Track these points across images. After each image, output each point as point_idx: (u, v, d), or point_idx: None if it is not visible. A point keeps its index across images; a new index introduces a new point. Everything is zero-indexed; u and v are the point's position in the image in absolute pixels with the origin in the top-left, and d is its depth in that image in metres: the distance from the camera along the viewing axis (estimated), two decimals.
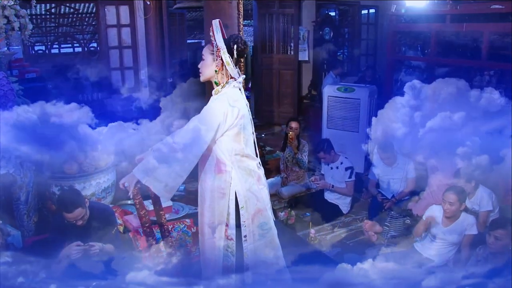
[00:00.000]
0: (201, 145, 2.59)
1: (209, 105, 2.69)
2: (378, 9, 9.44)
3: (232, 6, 4.53)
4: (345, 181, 4.88)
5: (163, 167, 2.55)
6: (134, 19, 7.08)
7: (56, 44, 7.98)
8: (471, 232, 3.73)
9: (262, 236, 2.86)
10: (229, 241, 2.80)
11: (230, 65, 2.68)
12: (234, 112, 2.66)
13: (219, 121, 2.62)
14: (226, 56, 2.67)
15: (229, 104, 2.65)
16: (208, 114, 2.64)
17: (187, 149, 2.55)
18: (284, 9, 8.21)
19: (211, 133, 2.61)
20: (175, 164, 2.55)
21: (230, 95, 2.71)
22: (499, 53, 5.38)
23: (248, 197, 2.78)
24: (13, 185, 3.91)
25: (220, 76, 2.75)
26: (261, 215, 2.85)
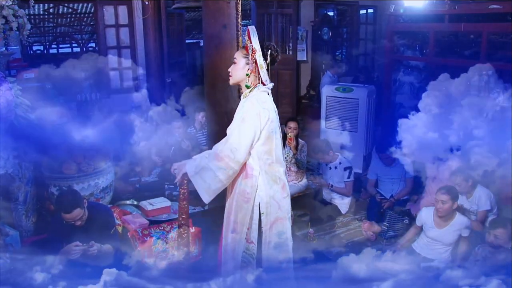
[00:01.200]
0: (243, 152, 2.65)
1: (243, 111, 2.71)
2: (376, 9, 9.45)
3: (230, 6, 4.52)
4: (344, 181, 4.88)
5: (209, 170, 2.65)
6: (133, 19, 7.06)
7: (55, 44, 7.99)
8: (466, 234, 3.75)
9: (278, 245, 2.87)
10: (250, 244, 2.81)
11: (263, 68, 2.73)
12: (265, 114, 2.69)
13: (256, 124, 2.66)
14: (261, 59, 2.71)
15: (259, 105, 2.68)
16: (243, 118, 2.66)
17: (230, 157, 2.62)
18: (282, 9, 8.20)
19: (250, 136, 2.65)
20: (219, 172, 2.63)
21: (259, 98, 2.73)
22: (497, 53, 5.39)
23: (271, 204, 2.80)
24: (11, 185, 3.90)
25: (251, 79, 2.78)
26: (281, 224, 2.86)
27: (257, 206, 2.77)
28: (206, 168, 2.66)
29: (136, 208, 4.70)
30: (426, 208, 4.01)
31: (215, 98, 4.71)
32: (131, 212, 4.52)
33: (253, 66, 2.74)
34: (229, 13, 4.53)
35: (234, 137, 2.64)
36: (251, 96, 2.75)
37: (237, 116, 2.72)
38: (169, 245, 3.79)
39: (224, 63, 4.60)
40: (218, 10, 4.49)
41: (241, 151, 2.62)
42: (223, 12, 4.50)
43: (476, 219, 4.04)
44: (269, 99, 2.79)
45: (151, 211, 4.47)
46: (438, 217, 3.80)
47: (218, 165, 2.63)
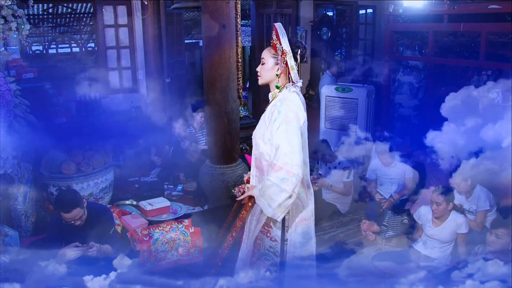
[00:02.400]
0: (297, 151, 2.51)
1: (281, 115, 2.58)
2: (375, 9, 9.44)
3: (229, 6, 4.52)
4: (343, 181, 4.88)
5: (273, 187, 2.48)
6: (132, 19, 7.06)
7: (54, 44, 7.98)
8: (462, 231, 3.77)
9: (302, 245, 2.83)
10: (273, 242, 2.77)
11: (294, 69, 2.65)
12: (302, 115, 2.64)
13: (298, 126, 2.58)
14: (292, 60, 2.63)
15: (294, 104, 2.63)
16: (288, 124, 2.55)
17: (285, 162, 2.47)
18: (282, 9, 8.19)
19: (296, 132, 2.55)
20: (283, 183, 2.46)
21: (292, 99, 2.66)
22: (497, 53, 5.39)
23: (296, 204, 2.73)
24: (10, 185, 3.90)
25: (282, 79, 2.72)
26: (305, 224, 2.82)
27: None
28: (268, 185, 2.50)
29: (135, 208, 4.71)
30: (424, 207, 4.03)
31: (214, 98, 4.71)
32: (130, 212, 4.53)
33: (283, 67, 2.66)
34: (228, 13, 4.53)
35: (284, 142, 2.49)
36: (284, 98, 2.66)
37: (277, 121, 2.57)
38: (169, 245, 3.79)
39: (223, 63, 4.61)
40: (217, 10, 4.49)
41: (296, 154, 2.48)
42: (222, 12, 4.50)
43: (475, 219, 4.04)
44: (300, 101, 2.73)
45: (150, 211, 4.48)
46: (434, 217, 3.82)
47: (278, 175, 2.47)
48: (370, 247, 4.32)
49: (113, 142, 4.89)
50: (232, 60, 4.66)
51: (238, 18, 4.63)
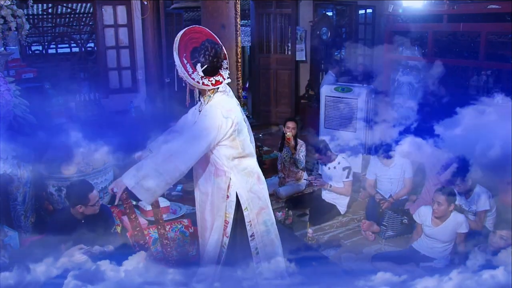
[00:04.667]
0: (195, 157, 2.59)
1: (203, 118, 2.65)
2: (375, 9, 9.45)
3: (229, 6, 4.52)
4: (342, 181, 4.88)
5: (153, 176, 2.53)
6: (132, 19, 7.07)
7: (53, 44, 7.98)
8: (462, 231, 3.77)
9: (267, 232, 2.92)
10: (225, 238, 2.84)
11: (198, 85, 2.65)
12: (228, 124, 2.64)
13: (213, 135, 2.61)
14: (190, 79, 2.63)
15: (222, 115, 2.63)
16: (203, 128, 2.61)
17: (180, 160, 2.55)
18: (281, 9, 8.20)
19: (204, 145, 2.60)
20: (166, 174, 2.54)
21: (223, 105, 2.68)
22: (496, 53, 5.39)
23: (251, 198, 2.82)
24: (10, 185, 3.90)
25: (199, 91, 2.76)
26: (264, 213, 2.90)
27: (233, 202, 2.78)
28: (150, 174, 2.53)
29: (135, 208, 4.70)
30: (424, 207, 4.03)
31: None
32: None
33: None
34: (228, 13, 4.53)
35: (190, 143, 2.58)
36: (216, 102, 2.69)
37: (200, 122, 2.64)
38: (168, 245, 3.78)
39: None
40: (217, 10, 4.49)
41: (192, 158, 2.57)
42: (221, 12, 4.50)
43: (475, 219, 4.04)
44: (232, 102, 2.76)
45: (149, 211, 4.47)
46: (435, 217, 3.82)
47: (166, 168, 2.53)
48: (370, 247, 4.32)
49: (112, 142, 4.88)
50: (231, 60, 4.65)
51: (238, 18, 4.62)
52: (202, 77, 2.63)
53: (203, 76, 2.63)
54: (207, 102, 2.74)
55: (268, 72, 8.40)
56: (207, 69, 2.62)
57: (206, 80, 2.65)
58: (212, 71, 2.66)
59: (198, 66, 2.61)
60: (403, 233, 4.45)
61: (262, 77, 8.44)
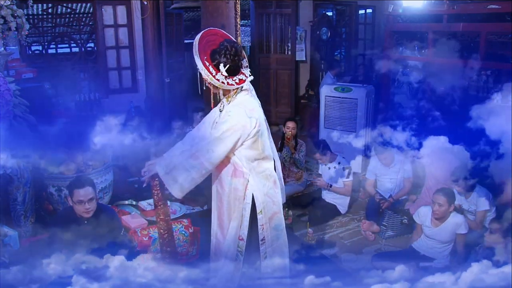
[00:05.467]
0: (220, 156, 2.62)
1: (227, 118, 2.64)
2: (375, 9, 9.45)
3: (229, 6, 4.52)
4: (342, 181, 4.88)
5: (181, 170, 2.62)
6: (131, 19, 7.07)
7: (53, 44, 7.97)
8: (461, 231, 3.77)
9: (277, 237, 2.90)
10: (240, 241, 2.81)
11: (223, 86, 2.64)
12: (252, 123, 2.64)
13: (238, 134, 2.61)
14: (214, 80, 2.61)
15: (246, 115, 2.63)
16: (227, 127, 2.61)
17: (205, 158, 2.59)
18: (281, 9, 8.20)
19: (229, 145, 2.62)
20: (192, 170, 2.61)
21: (246, 105, 2.68)
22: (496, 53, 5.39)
23: (266, 201, 2.80)
24: (10, 185, 3.90)
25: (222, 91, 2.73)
26: (277, 217, 2.88)
27: (249, 204, 2.76)
28: (178, 167, 2.63)
29: (134, 208, 4.71)
30: (423, 207, 4.03)
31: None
32: (130, 212, 4.53)
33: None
34: (228, 13, 4.53)
35: (215, 141, 2.60)
36: (238, 103, 2.70)
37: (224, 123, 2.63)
38: None
39: None
40: (217, 10, 4.50)
41: (217, 154, 2.60)
42: (221, 12, 4.50)
43: (475, 219, 4.04)
44: (255, 103, 2.76)
45: (150, 211, 4.48)
46: (434, 218, 3.82)
47: (193, 163, 2.60)
48: (370, 247, 4.32)
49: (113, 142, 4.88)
50: None
51: (238, 18, 4.63)
52: (226, 77, 2.62)
53: (227, 76, 2.62)
54: (229, 102, 2.74)
55: (268, 72, 8.40)
56: (229, 68, 2.62)
57: (230, 80, 2.64)
58: (234, 70, 2.65)
59: (221, 66, 2.60)
60: (403, 233, 4.45)
61: (262, 77, 8.43)
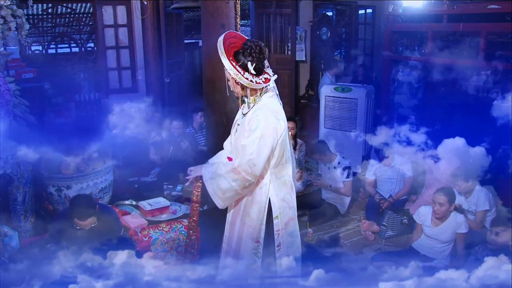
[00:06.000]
0: (261, 166, 2.56)
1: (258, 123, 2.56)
2: (375, 9, 9.45)
3: (229, 6, 4.52)
4: (342, 181, 4.88)
5: (225, 180, 2.59)
6: (131, 19, 7.06)
7: (53, 44, 7.98)
8: (462, 231, 3.77)
9: (292, 243, 2.88)
10: (256, 244, 2.79)
11: (252, 84, 2.59)
12: (281, 126, 2.61)
13: (272, 139, 2.57)
14: (243, 79, 2.56)
15: (275, 117, 2.59)
16: (261, 134, 2.54)
17: (247, 172, 2.54)
18: (281, 9, 8.20)
19: (267, 152, 2.56)
20: (235, 183, 2.57)
21: (271, 107, 2.64)
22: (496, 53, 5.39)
23: (283, 207, 2.76)
24: (10, 185, 3.90)
25: (248, 94, 2.68)
26: (292, 223, 2.85)
27: (266, 208, 2.73)
28: (222, 177, 2.60)
29: (135, 208, 4.70)
30: (423, 207, 4.03)
31: (214, 98, 4.71)
32: (130, 212, 4.53)
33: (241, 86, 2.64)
34: (228, 13, 4.53)
35: (254, 152, 2.52)
36: (263, 105, 2.65)
37: (255, 130, 2.56)
38: (168, 246, 3.79)
39: (222, 63, 4.61)
40: (217, 10, 4.49)
41: (259, 167, 2.54)
42: (221, 12, 4.50)
43: (475, 219, 4.05)
44: (279, 106, 2.72)
45: (150, 211, 4.47)
46: (435, 218, 3.82)
47: (234, 177, 2.56)
48: (369, 247, 4.32)
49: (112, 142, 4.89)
50: None
51: (238, 18, 4.62)
52: (254, 76, 2.59)
53: (254, 74, 2.59)
54: (253, 104, 2.70)
55: None
56: (255, 67, 2.59)
57: (257, 78, 2.61)
58: (260, 69, 2.62)
59: (249, 64, 2.57)
60: (403, 233, 4.45)
61: None
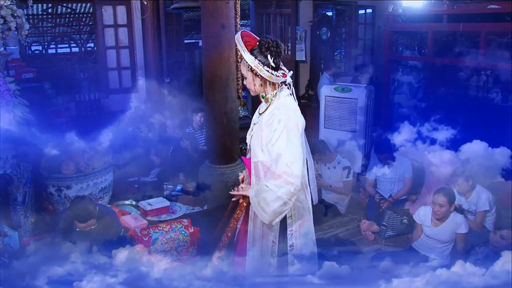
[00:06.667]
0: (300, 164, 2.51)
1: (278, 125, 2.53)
2: (375, 9, 9.45)
3: (229, 6, 4.53)
4: (342, 181, 4.88)
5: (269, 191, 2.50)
6: (131, 19, 7.06)
7: (53, 44, 7.98)
8: (461, 231, 3.77)
9: (305, 245, 2.84)
10: (272, 244, 2.77)
11: (272, 77, 2.58)
12: (301, 122, 2.61)
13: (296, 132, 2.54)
14: (264, 71, 2.56)
15: (294, 113, 2.58)
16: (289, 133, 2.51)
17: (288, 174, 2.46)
18: (281, 9, 8.19)
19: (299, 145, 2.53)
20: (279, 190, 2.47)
21: (288, 106, 2.63)
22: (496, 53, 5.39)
23: (297, 207, 2.73)
24: (10, 185, 3.90)
25: (266, 90, 2.67)
26: (307, 224, 2.82)
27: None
28: (264, 189, 2.51)
29: (135, 208, 4.71)
30: (423, 207, 4.03)
31: (214, 98, 4.71)
32: (130, 212, 4.53)
33: (261, 79, 2.61)
34: (228, 13, 4.53)
35: (286, 152, 2.47)
36: (279, 104, 2.63)
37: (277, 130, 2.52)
38: (168, 246, 3.79)
39: (222, 63, 4.61)
40: (217, 10, 4.49)
41: (297, 164, 2.47)
42: (221, 12, 4.50)
43: (474, 219, 4.05)
44: (296, 104, 2.70)
45: (150, 211, 4.48)
46: (435, 218, 3.82)
47: (276, 183, 2.47)
48: (369, 247, 4.32)
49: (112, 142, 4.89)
50: (231, 60, 4.66)
51: (238, 18, 4.63)
52: (273, 69, 2.59)
53: (273, 68, 2.59)
54: (269, 104, 2.69)
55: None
56: (275, 60, 2.59)
57: (276, 72, 2.61)
58: (277, 64, 2.62)
59: (268, 57, 2.57)
60: (403, 233, 4.44)
61: None
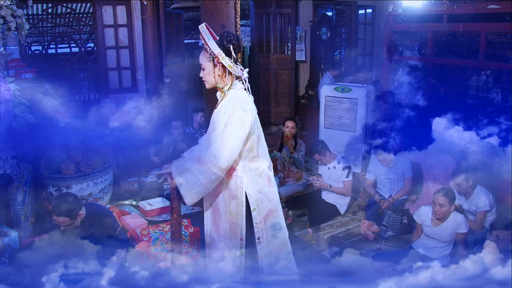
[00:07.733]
0: (227, 158, 2.56)
1: (222, 116, 2.60)
2: (375, 9, 9.45)
3: (229, 6, 4.52)
4: (342, 181, 4.88)
5: (192, 173, 2.59)
6: (131, 19, 7.06)
7: (53, 44, 7.97)
8: (462, 231, 3.77)
9: (274, 237, 2.86)
10: (240, 241, 2.79)
11: (232, 67, 2.64)
12: (248, 117, 2.62)
13: (239, 130, 2.58)
14: (226, 60, 2.61)
15: (241, 108, 2.60)
16: (225, 124, 2.57)
17: (213, 163, 2.54)
18: (281, 9, 8.20)
19: (234, 143, 2.58)
20: (201, 176, 2.57)
21: (240, 99, 2.66)
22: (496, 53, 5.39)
23: (260, 199, 2.77)
24: (10, 185, 3.90)
25: (225, 80, 2.71)
26: (273, 216, 2.85)
27: (244, 202, 2.74)
28: (189, 171, 2.60)
29: (134, 208, 4.71)
30: (424, 207, 4.03)
31: (214, 98, 4.70)
32: (130, 212, 4.53)
33: (220, 69, 2.66)
34: (228, 13, 4.53)
35: (217, 143, 2.56)
36: (231, 97, 2.67)
37: (220, 121, 2.60)
38: (168, 245, 3.79)
39: None
40: (217, 10, 4.49)
41: (224, 158, 2.54)
42: (221, 12, 4.50)
43: (475, 219, 4.05)
44: (249, 98, 2.74)
45: (149, 211, 4.48)
46: (436, 218, 3.82)
47: (200, 169, 2.57)
48: (369, 247, 4.32)
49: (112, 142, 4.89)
50: None
51: (238, 18, 4.63)
52: (235, 60, 2.65)
53: (235, 58, 2.65)
54: (222, 97, 2.73)
55: (267, 72, 8.40)
56: (236, 52, 2.64)
57: (235, 64, 2.67)
58: (236, 58, 2.67)
59: (230, 48, 2.62)
60: (403, 233, 4.45)
61: (261, 77, 8.44)
